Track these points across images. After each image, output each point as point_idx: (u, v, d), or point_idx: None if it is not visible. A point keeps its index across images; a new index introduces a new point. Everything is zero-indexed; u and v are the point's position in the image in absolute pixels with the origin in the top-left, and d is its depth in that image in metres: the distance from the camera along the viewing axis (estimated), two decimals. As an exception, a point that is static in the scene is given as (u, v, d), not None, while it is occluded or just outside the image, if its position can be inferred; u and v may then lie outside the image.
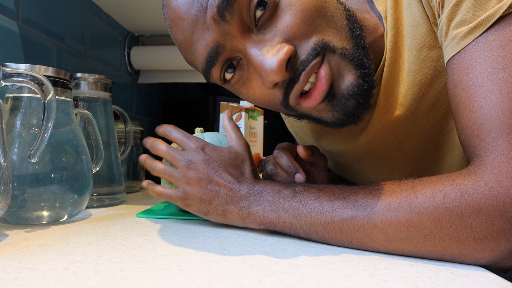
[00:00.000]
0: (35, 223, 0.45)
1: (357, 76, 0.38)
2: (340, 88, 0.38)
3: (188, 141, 0.45)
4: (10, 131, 0.45)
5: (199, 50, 0.39)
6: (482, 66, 0.33)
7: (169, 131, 0.47)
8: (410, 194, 0.33)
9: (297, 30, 0.36)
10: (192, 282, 0.27)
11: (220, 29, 0.37)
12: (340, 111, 0.39)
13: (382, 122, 0.48)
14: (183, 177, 0.43)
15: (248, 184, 0.42)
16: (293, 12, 0.36)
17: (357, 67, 0.38)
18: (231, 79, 0.41)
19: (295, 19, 0.36)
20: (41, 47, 0.75)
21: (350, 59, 0.38)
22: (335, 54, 0.37)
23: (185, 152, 0.45)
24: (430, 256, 0.33)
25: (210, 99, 1.28)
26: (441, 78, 0.43)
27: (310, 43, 0.37)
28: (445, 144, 0.48)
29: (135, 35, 1.22)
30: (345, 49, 0.38)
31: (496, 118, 0.32)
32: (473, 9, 0.34)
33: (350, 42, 0.39)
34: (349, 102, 0.38)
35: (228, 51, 0.38)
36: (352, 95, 0.38)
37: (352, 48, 0.38)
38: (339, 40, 0.38)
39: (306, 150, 0.48)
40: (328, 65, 0.37)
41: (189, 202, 0.43)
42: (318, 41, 0.37)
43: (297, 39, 0.37)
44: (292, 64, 0.37)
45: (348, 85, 0.38)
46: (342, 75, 0.38)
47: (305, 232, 0.38)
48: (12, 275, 0.28)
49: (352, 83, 0.38)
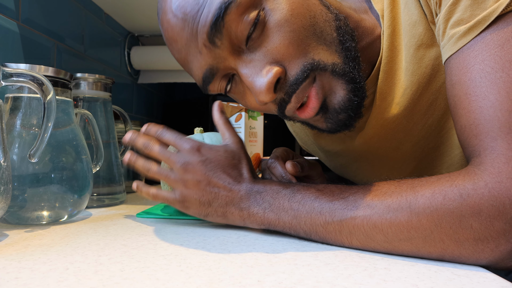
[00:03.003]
0: (35, 223, 0.45)
1: (348, 91, 0.39)
2: (332, 103, 0.40)
3: (182, 142, 0.44)
4: (10, 131, 0.45)
5: (194, 70, 0.41)
6: (480, 65, 0.33)
7: (161, 133, 0.46)
8: (409, 195, 0.33)
9: (286, 51, 0.37)
10: (192, 282, 0.27)
11: (211, 53, 0.38)
12: (333, 123, 0.42)
13: (379, 122, 0.48)
14: (180, 179, 0.42)
15: (247, 184, 0.42)
16: (282, 33, 0.37)
17: (348, 81, 0.39)
18: (229, 90, 0.44)
19: (284, 40, 0.37)
20: (41, 47, 0.75)
21: (341, 75, 0.39)
22: (326, 72, 0.39)
23: (180, 154, 0.43)
24: (430, 256, 0.33)
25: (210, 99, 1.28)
26: (439, 77, 0.43)
27: (299, 64, 0.38)
28: (444, 143, 0.48)
29: (135, 35, 1.22)
30: (335, 65, 0.39)
31: (494, 118, 0.32)
32: (470, 8, 0.34)
33: (341, 56, 0.40)
34: (341, 115, 0.41)
35: (222, 71, 0.40)
36: (344, 109, 0.40)
37: (342, 61, 0.40)
38: (329, 56, 0.39)
39: (294, 167, 0.48)
40: (319, 83, 0.39)
41: (187, 204, 0.43)
42: (308, 62, 0.38)
43: (286, 60, 0.38)
44: (282, 84, 0.38)
45: (339, 101, 0.40)
46: (334, 91, 0.40)
47: (305, 233, 0.38)
48: (12, 275, 0.28)
49: (343, 99, 0.40)
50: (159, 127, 0.46)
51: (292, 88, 0.38)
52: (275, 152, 0.54)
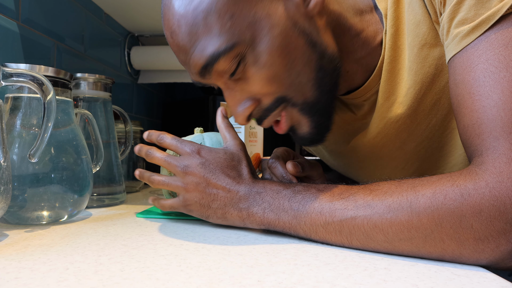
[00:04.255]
0: (35, 223, 0.45)
1: (313, 127, 0.45)
2: (298, 132, 0.46)
3: (182, 146, 0.45)
4: (10, 131, 0.45)
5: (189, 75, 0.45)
6: (484, 65, 0.33)
7: (161, 138, 0.47)
8: (410, 194, 0.33)
9: (261, 90, 0.42)
10: (192, 282, 0.27)
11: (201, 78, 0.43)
12: (301, 142, 0.48)
13: (383, 121, 0.48)
14: (181, 183, 0.44)
15: (246, 184, 0.42)
16: (259, 76, 0.41)
17: (314, 119, 0.44)
18: None
19: (260, 82, 0.41)
20: (41, 47, 0.75)
21: (308, 111, 0.44)
22: (294, 108, 0.44)
23: (181, 158, 0.45)
24: (430, 256, 0.33)
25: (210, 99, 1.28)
26: (443, 76, 0.43)
27: (273, 99, 0.43)
28: (448, 143, 0.48)
29: (135, 35, 1.22)
30: (305, 103, 0.43)
31: (497, 118, 0.32)
32: (475, 8, 0.34)
33: (315, 93, 0.43)
34: (306, 142, 0.47)
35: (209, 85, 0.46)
36: (308, 139, 0.46)
37: (315, 98, 0.43)
38: (301, 95, 0.43)
39: (295, 167, 0.49)
40: (288, 115, 0.44)
41: (190, 207, 0.44)
42: (280, 97, 0.43)
43: (262, 95, 0.43)
44: (256, 110, 0.44)
45: (304, 133, 0.46)
46: (300, 124, 0.45)
47: (305, 233, 0.38)
48: (12, 275, 0.28)
49: (308, 132, 0.46)
50: (159, 133, 0.48)
51: (264, 114, 0.44)
52: (276, 152, 0.54)
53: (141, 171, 0.48)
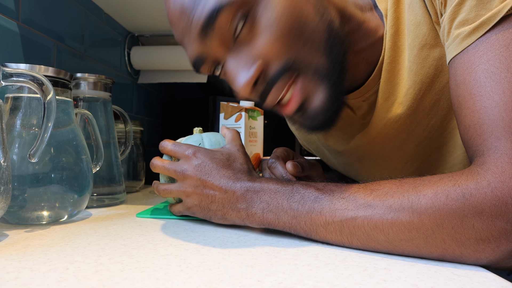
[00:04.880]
0: (35, 223, 0.45)
1: (328, 95, 0.41)
2: (311, 106, 0.41)
3: (180, 150, 0.46)
4: (10, 131, 0.45)
5: (188, 53, 0.44)
6: (485, 65, 0.33)
7: (161, 145, 0.48)
8: (412, 194, 0.33)
9: (271, 49, 0.39)
10: (192, 282, 0.27)
11: (203, 44, 0.41)
12: (312, 123, 0.43)
13: (383, 121, 0.48)
14: (181, 188, 0.44)
15: (243, 183, 0.42)
16: (269, 32, 0.38)
17: (329, 85, 0.41)
18: (219, 74, 0.45)
19: (270, 39, 0.38)
20: (41, 47, 0.75)
21: (322, 77, 0.40)
22: (307, 74, 0.40)
23: (179, 162, 0.45)
24: (431, 256, 0.33)
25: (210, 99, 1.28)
26: (442, 77, 0.43)
27: (282, 62, 0.39)
28: (447, 144, 0.48)
29: (135, 35, 1.22)
30: (318, 68, 0.40)
31: (499, 118, 0.32)
32: (476, 9, 0.34)
33: (327, 59, 0.41)
34: (319, 117, 0.42)
35: (211, 59, 0.42)
36: (322, 112, 0.41)
37: (327, 65, 0.41)
38: (314, 58, 0.40)
39: (295, 167, 0.49)
40: (300, 84, 0.40)
41: (192, 210, 0.45)
42: (290, 61, 0.39)
43: (270, 57, 0.39)
44: (263, 78, 0.40)
45: (318, 105, 0.41)
46: (314, 93, 0.41)
47: (305, 232, 0.38)
48: (12, 275, 0.28)
49: (322, 102, 0.41)
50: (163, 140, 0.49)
51: (272, 81, 0.40)
52: (276, 152, 0.54)
53: (154, 182, 0.49)
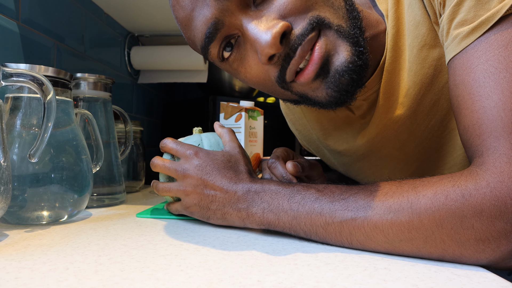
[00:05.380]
0: (35, 223, 0.45)
1: (352, 53, 0.38)
2: (334, 64, 0.39)
3: (181, 149, 0.46)
4: (10, 131, 0.45)
5: (199, 26, 0.40)
6: (484, 66, 0.33)
7: (163, 143, 0.48)
8: (411, 195, 0.33)
9: (293, 6, 0.37)
10: (192, 282, 0.27)
11: (219, 5, 0.38)
12: (334, 88, 0.39)
13: (383, 122, 0.48)
14: (181, 187, 0.45)
15: (244, 184, 0.42)
16: None
17: (352, 44, 0.39)
18: (228, 57, 0.42)
19: None
20: (41, 47, 0.75)
21: (345, 36, 0.39)
22: (331, 30, 0.38)
23: (180, 162, 0.45)
24: (430, 257, 0.33)
25: (210, 99, 1.28)
26: (442, 77, 0.43)
27: (306, 19, 0.38)
28: (447, 144, 0.48)
29: (135, 35, 1.22)
30: (341, 27, 0.39)
31: (498, 118, 0.32)
32: (474, 9, 0.34)
33: (347, 22, 0.39)
34: (343, 78, 0.39)
35: (226, 27, 0.39)
36: (347, 71, 0.38)
37: (348, 26, 0.39)
38: (335, 18, 0.39)
39: (295, 167, 0.49)
40: (324, 40, 0.38)
41: (191, 210, 0.45)
42: (314, 17, 0.38)
43: (293, 15, 0.38)
44: (287, 39, 0.38)
45: (342, 61, 0.38)
46: (337, 51, 0.39)
47: (305, 233, 0.38)
48: (12, 275, 0.28)
49: (346, 59, 0.38)
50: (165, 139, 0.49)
51: (298, 40, 0.37)
52: (276, 152, 0.54)
53: (153, 181, 0.49)
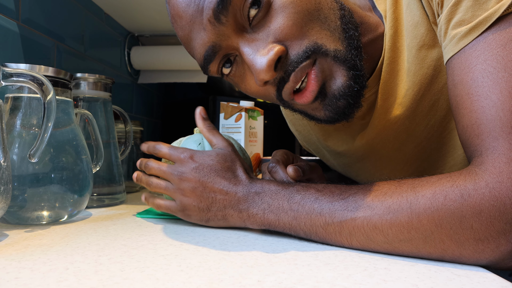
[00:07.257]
0: (35, 223, 0.45)
1: (349, 77, 0.39)
2: (331, 89, 0.39)
3: (176, 153, 0.46)
4: (10, 131, 0.45)
5: (197, 48, 0.41)
6: (483, 65, 0.33)
7: (156, 148, 0.48)
8: (410, 195, 0.33)
9: (289, 32, 0.37)
10: (192, 282, 0.27)
11: (215, 30, 0.38)
12: (332, 111, 0.40)
13: (382, 122, 0.48)
14: (178, 189, 0.44)
15: (244, 185, 0.42)
16: (286, 14, 0.37)
17: (349, 68, 0.39)
18: (228, 73, 0.43)
19: (287, 21, 0.37)
20: (41, 47, 0.75)
21: (342, 61, 0.39)
22: (327, 57, 0.38)
23: (175, 165, 0.45)
24: (430, 257, 0.33)
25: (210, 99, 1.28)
26: (441, 77, 0.43)
27: (302, 46, 0.38)
28: (447, 144, 0.48)
29: (135, 35, 1.22)
30: (337, 51, 0.39)
31: (496, 118, 0.32)
32: (472, 9, 0.34)
33: (343, 43, 0.39)
34: (340, 102, 0.39)
35: (224, 50, 0.40)
36: (343, 95, 0.39)
37: (345, 49, 0.39)
38: (332, 42, 0.39)
39: (296, 172, 0.48)
40: (320, 67, 0.38)
41: (188, 212, 0.44)
42: (310, 44, 0.38)
43: (289, 40, 0.38)
44: (282, 64, 0.38)
45: (339, 86, 0.39)
46: (334, 76, 0.39)
47: (305, 233, 0.38)
48: (12, 275, 0.28)
49: (342, 85, 0.39)
50: (155, 143, 0.48)
51: (292, 66, 0.38)
52: (275, 155, 0.54)
53: (139, 174, 0.48)
